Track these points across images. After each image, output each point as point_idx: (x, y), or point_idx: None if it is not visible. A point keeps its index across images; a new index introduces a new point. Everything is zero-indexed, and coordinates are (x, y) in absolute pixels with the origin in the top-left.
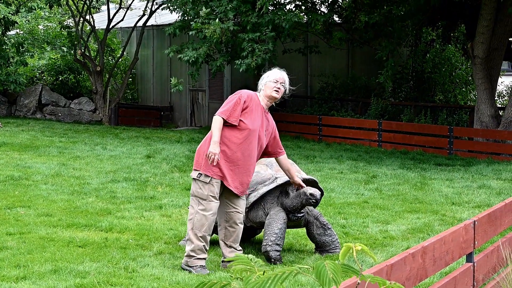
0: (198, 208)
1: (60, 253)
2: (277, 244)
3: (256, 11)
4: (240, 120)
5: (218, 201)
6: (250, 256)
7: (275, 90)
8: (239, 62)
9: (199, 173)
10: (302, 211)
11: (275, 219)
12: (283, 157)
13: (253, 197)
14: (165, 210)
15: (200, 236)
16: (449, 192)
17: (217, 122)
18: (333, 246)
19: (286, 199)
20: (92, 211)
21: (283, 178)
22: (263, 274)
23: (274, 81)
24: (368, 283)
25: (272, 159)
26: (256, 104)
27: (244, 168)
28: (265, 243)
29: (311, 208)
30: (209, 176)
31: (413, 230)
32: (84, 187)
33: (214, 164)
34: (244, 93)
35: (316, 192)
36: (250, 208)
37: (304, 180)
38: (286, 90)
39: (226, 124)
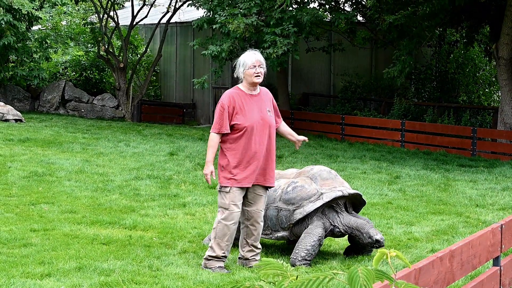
0: (220, 218)
1: (85, 250)
2: (306, 260)
3: (277, 7)
4: (234, 123)
5: (240, 209)
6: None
7: (256, 76)
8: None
9: (220, 185)
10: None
11: (311, 234)
12: (282, 126)
13: (299, 214)
14: (189, 208)
15: (222, 246)
16: (473, 193)
17: (211, 140)
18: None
19: (336, 218)
20: (116, 208)
21: (329, 195)
22: (296, 278)
23: (252, 67)
24: None
25: (316, 172)
26: (241, 99)
27: (262, 158)
28: (294, 257)
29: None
30: (228, 186)
31: (437, 231)
32: (108, 184)
33: (210, 183)
34: (224, 98)
35: (382, 238)
36: (295, 224)
37: (350, 195)
38: (265, 70)
39: (223, 134)
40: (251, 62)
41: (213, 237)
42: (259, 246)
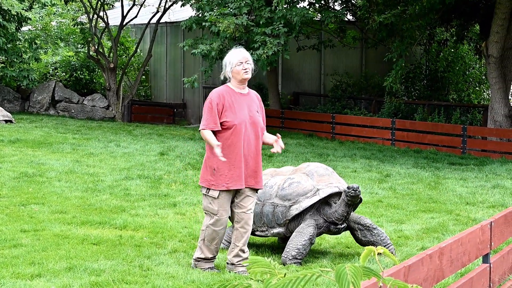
0: (209, 223)
1: (75, 250)
2: (296, 259)
3: (271, 7)
4: (223, 121)
5: (228, 213)
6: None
7: (245, 72)
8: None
9: (207, 189)
10: (343, 223)
11: (302, 234)
12: (265, 135)
13: (295, 209)
14: (179, 208)
15: (212, 249)
16: (463, 191)
17: (206, 134)
18: (383, 245)
19: (329, 210)
20: (106, 209)
21: (325, 191)
22: (284, 276)
23: (239, 64)
24: (389, 286)
25: (312, 168)
26: (231, 96)
27: (250, 157)
28: (285, 256)
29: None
30: (217, 190)
31: (427, 229)
32: (98, 184)
33: (220, 158)
34: (214, 95)
35: (353, 184)
36: (291, 220)
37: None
38: (252, 66)
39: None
40: (238, 59)
41: (202, 239)
42: (247, 250)
